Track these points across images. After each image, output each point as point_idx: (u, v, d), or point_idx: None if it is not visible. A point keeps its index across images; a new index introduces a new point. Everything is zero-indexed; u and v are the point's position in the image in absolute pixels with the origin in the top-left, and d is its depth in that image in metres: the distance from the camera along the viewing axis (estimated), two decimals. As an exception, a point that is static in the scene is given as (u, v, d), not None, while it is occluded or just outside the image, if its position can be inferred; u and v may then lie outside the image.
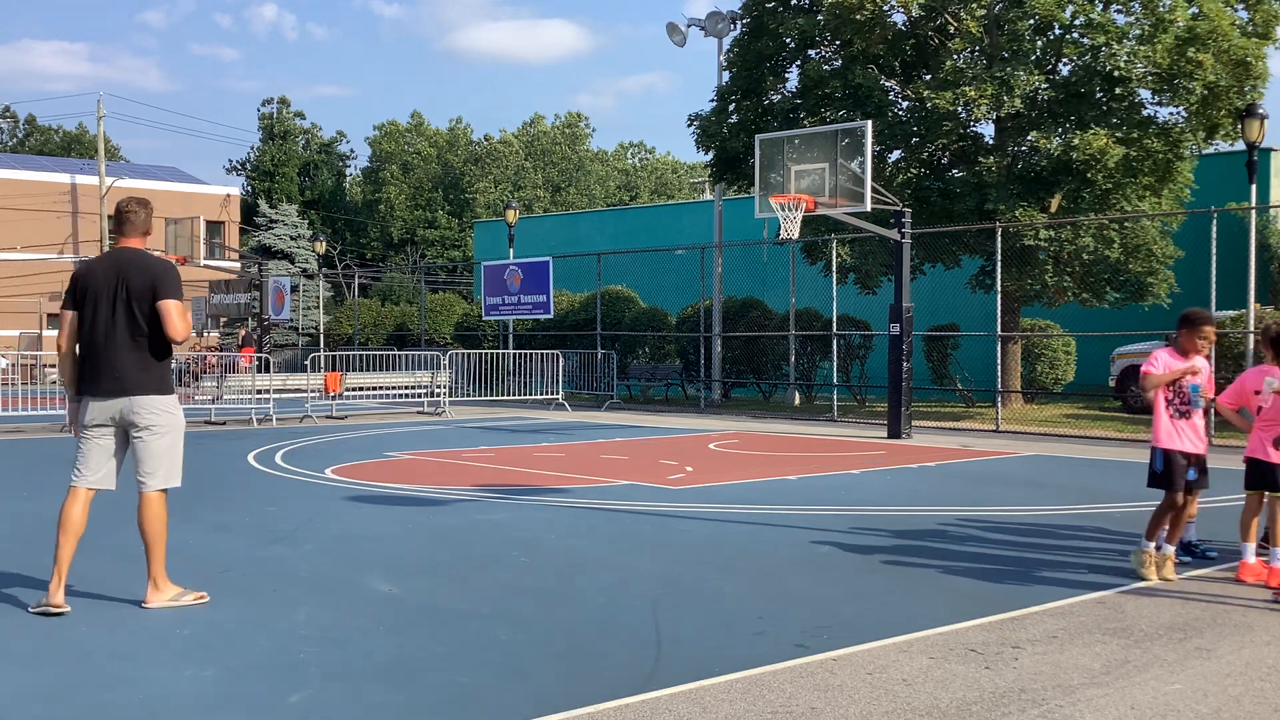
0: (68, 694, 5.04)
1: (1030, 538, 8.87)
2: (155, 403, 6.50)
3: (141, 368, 6.46)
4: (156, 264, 6.54)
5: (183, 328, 6.42)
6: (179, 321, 6.40)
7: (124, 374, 6.43)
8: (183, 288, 6.61)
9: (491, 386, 25.98)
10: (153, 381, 6.50)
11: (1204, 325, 7.34)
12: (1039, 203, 20.82)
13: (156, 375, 6.52)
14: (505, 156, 69.22)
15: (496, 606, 6.62)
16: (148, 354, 6.49)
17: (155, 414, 6.52)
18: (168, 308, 6.39)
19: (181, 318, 6.42)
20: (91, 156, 56.76)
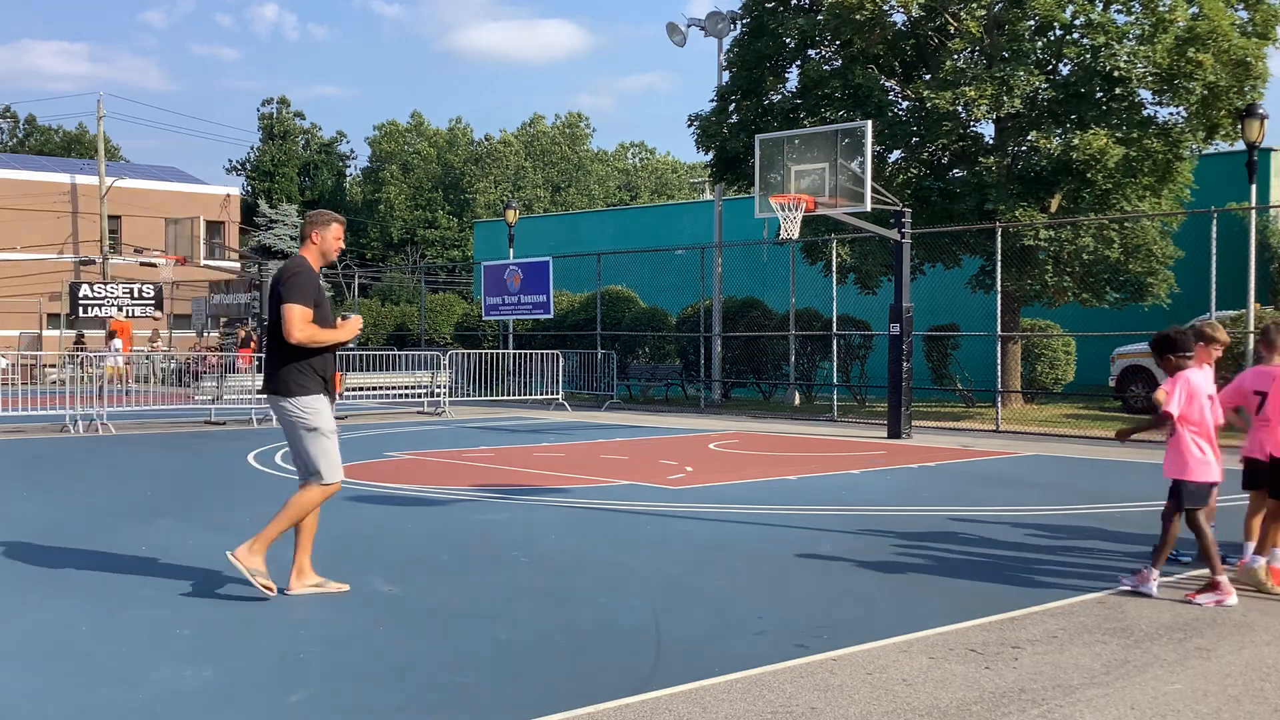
0: (68, 694, 5.04)
1: (1030, 538, 8.88)
2: (286, 404, 6.77)
3: (274, 370, 6.80)
4: (287, 269, 6.80)
5: (295, 332, 6.60)
6: (289, 324, 6.62)
7: (268, 374, 6.87)
8: (305, 292, 6.69)
9: (491, 386, 25.97)
10: (281, 383, 6.76)
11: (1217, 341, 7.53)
12: (1039, 203, 20.82)
13: (283, 377, 6.75)
14: (505, 156, 69.22)
15: (496, 606, 6.62)
16: (281, 356, 6.75)
17: (285, 415, 6.81)
18: (283, 311, 6.64)
19: (292, 320, 6.60)
20: (91, 156, 56.76)
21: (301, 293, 6.66)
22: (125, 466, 13.85)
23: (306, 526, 6.92)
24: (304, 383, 6.75)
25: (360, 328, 7.02)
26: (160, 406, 22.87)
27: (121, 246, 46.70)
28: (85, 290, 36.48)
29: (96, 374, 20.54)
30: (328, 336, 6.79)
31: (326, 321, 6.84)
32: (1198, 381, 6.94)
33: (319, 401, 6.81)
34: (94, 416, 18.79)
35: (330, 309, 6.96)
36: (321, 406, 6.82)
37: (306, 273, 6.79)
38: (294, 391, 6.73)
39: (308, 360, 6.76)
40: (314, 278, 6.82)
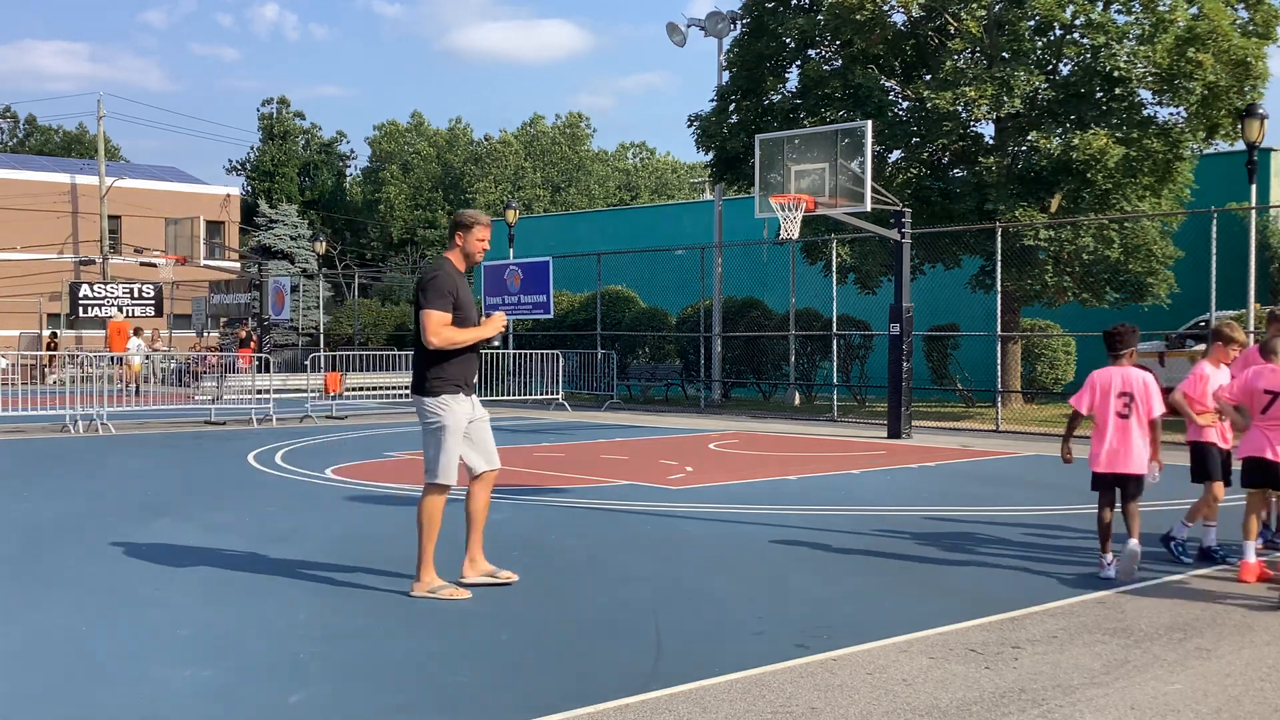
0: (68, 694, 5.04)
1: (1030, 538, 8.88)
2: (421, 402, 6.87)
3: (416, 370, 6.93)
4: (426, 273, 6.95)
5: (431, 337, 6.73)
6: (425, 330, 6.75)
7: (413, 374, 7.00)
8: (442, 295, 6.78)
9: (491, 386, 25.98)
10: (420, 382, 6.87)
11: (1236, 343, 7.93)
12: (1039, 203, 20.82)
13: (424, 377, 6.85)
14: (505, 156, 69.22)
15: (496, 606, 6.62)
16: (423, 357, 6.86)
17: (420, 413, 6.90)
18: (421, 316, 6.78)
19: (429, 325, 6.73)
20: (91, 156, 56.76)
21: (439, 297, 6.77)
22: (125, 466, 13.85)
23: (476, 516, 7.08)
24: (440, 383, 6.84)
25: (504, 324, 7.09)
26: (160, 406, 22.87)
27: (121, 246, 46.69)
28: (85, 290, 36.48)
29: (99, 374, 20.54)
30: (466, 336, 6.82)
31: (470, 320, 6.89)
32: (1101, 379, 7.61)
33: (452, 401, 6.86)
34: (94, 416, 18.79)
35: (475, 307, 7.02)
36: (453, 406, 6.86)
37: (444, 275, 6.85)
38: (429, 390, 6.84)
39: (448, 360, 6.85)
40: (453, 280, 6.87)
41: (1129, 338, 7.66)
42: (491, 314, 7.11)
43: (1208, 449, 8.00)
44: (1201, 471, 8.01)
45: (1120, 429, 7.51)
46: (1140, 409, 7.46)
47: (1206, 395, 7.88)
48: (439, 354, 6.79)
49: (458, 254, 7.00)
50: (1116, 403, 7.51)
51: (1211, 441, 7.99)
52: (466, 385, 6.93)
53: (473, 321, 6.91)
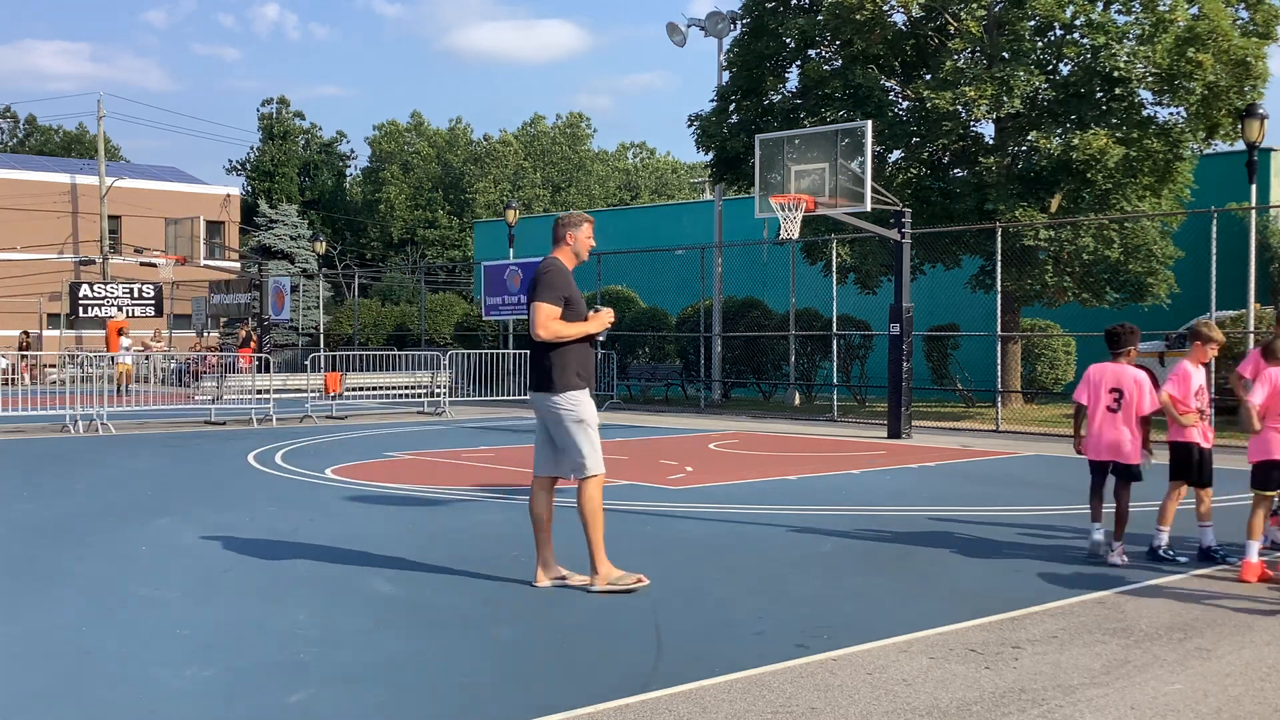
0: (68, 694, 5.04)
1: (1030, 538, 8.88)
2: (548, 399, 6.94)
3: (536, 365, 7.01)
4: (538, 270, 7.04)
5: (540, 329, 6.85)
6: (534, 322, 6.88)
7: (532, 372, 7.09)
8: (554, 290, 6.92)
9: (491, 386, 25.96)
10: (545, 380, 6.95)
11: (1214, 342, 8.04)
12: (1039, 203, 20.82)
13: (547, 373, 6.93)
14: (505, 156, 69.20)
15: (496, 606, 6.62)
16: (541, 353, 6.97)
17: (549, 410, 6.96)
18: (531, 309, 6.90)
19: (538, 318, 6.85)
20: (91, 156, 56.76)
21: (550, 291, 6.90)
22: (125, 466, 13.85)
23: (541, 522, 7.15)
24: (567, 377, 6.93)
25: (611, 320, 7.20)
26: (160, 406, 22.87)
27: (121, 246, 46.68)
28: (85, 290, 36.47)
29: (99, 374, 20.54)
30: (574, 330, 6.94)
31: (579, 316, 7.00)
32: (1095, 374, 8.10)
33: (582, 396, 6.99)
34: (94, 416, 18.79)
35: (584, 304, 7.11)
36: (585, 400, 7.00)
37: (556, 271, 6.99)
38: (559, 387, 6.92)
39: (570, 356, 6.94)
40: (565, 276, 7.01)
41: (1127, 338, 8.06)
42: (599, 309, 7.18)
43: (1190, 448, 8.02)
44: (1181, 471, 8.03)
45: (1109, 421, 8.00)
46: (1130, 405, 7.88)
47: (1189, 395, 7.91)
48: (560, 351, 6.92)
49: (567, 252, 7.18)
50: (1107, 397, 7.99)
51: (1194, 441, 8.02)
52: (589, 380, 7.07)
53: (581, 317, 7.03)
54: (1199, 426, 8.00)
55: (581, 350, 7.00)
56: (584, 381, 7.00)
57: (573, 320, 6.96)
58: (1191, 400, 7.91)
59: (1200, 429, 8.01)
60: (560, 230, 7.19)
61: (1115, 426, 7.97)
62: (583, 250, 7.22)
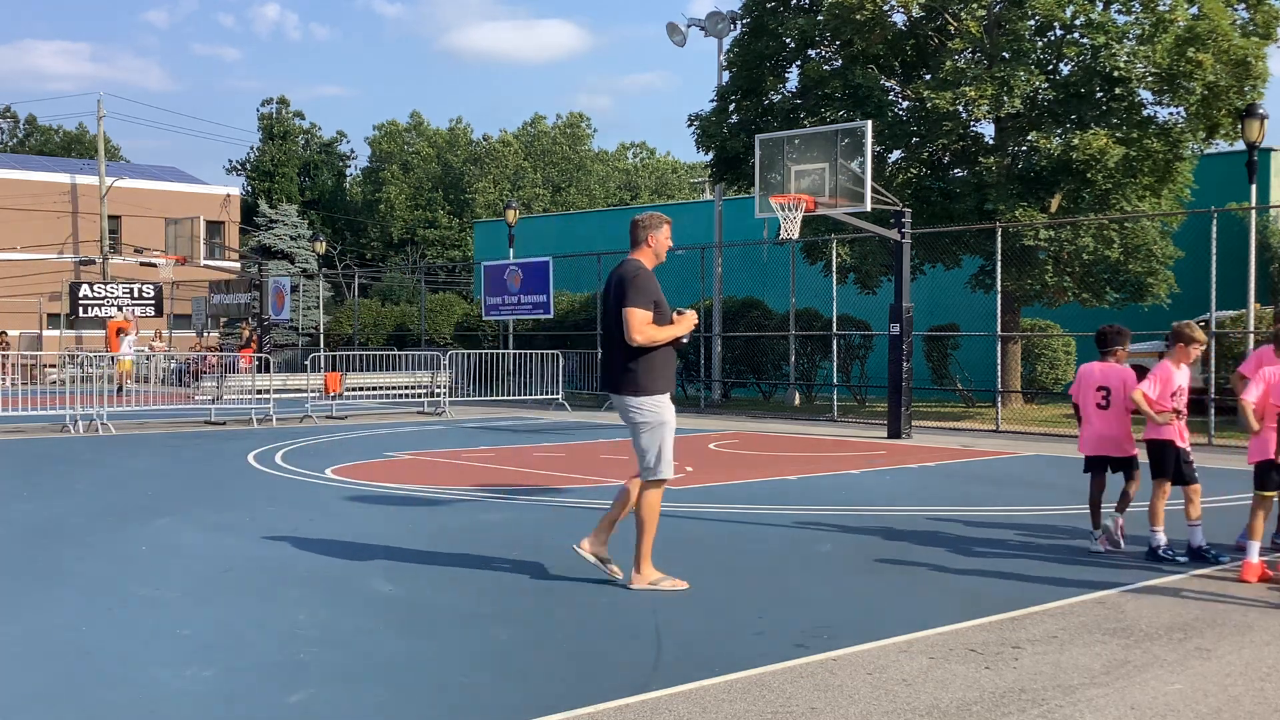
0: (68, 694, 5.04)
1: (1030, 538, 8.88)
2: (630, 401, 6.98)
3: (618, 369, 7.02)
4: (627, 272, 7.05)
5: (635, 335, 6.88)
6: (630, 327, 6.89)
7: (611, 372, 7.10)
8: (645, 294, 6.93)
9: (491, 386, 25.96)
10: (626, 382, 6.97)
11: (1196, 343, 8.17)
12: (1039, 203, 20.82)
13: (629, 376, 6.97)
14: (505, 156, 69.21)
15: (496, 606, 6.62)
16: (625, 355, 6.98)
17: (628, 412, 7.01)
18: (624, 314, 6.91)
19: (633, 323, 6.87)
20: (91, 156, 56.75)
21: (642, 295, 6.93)
22: (125, 466, 13.85)
23: (623, 505, 7.19)
24: (651, 381, 6.99)
25: (695, 322, 7.19)
26: (160, 406, 22.88)
27: (121, 246, 46.69)
28: (85, 290, 36.47)
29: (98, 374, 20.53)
30: (666, 334, 6.99)
31: (665, 319, 7.04)
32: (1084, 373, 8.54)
33: (664, 400, 7.05)
34: (94, 416, 18.79)
35: (669, 307, 7.14)
36: (666, 405, 7.05)
37: (645, 275, 7.03)
38: (640, 390, 6.97)
39: (651, 358, 6.98)
40: (652, 279, 7.05)
41: (1114, 338, 8.52)
42: (684, 312, 7.18)
43: (1165, 446, 8.06)
44: (1160, 468, 8.07)
45: (1100, 418, 8.41)
46: (1118, 402, 8.33)
47: (1167, 394, 7.95)
48: (645, 354, 6.97)
49: (648, 254, 7.20)
50: (1096, 395, 8.41)
51: (1170, 439, 8.04)
52: (670, 384, 7.14)
53: (668, 320, 7.06)
54: (1174, 425, 8.04)
55: (667, 353, 7.07)
56: (667, 385, 7.08)
57: (660, 323, 7.01)
58: (1169, 400, 7.96)
59: (1176, 428, 8.05)
60: (640, 232, 7.23)
61: (1107, 422, 8.38)
62: (662, 251, 7.25)
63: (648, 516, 7.03)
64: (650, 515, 7.04)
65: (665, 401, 7.04)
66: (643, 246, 7.19)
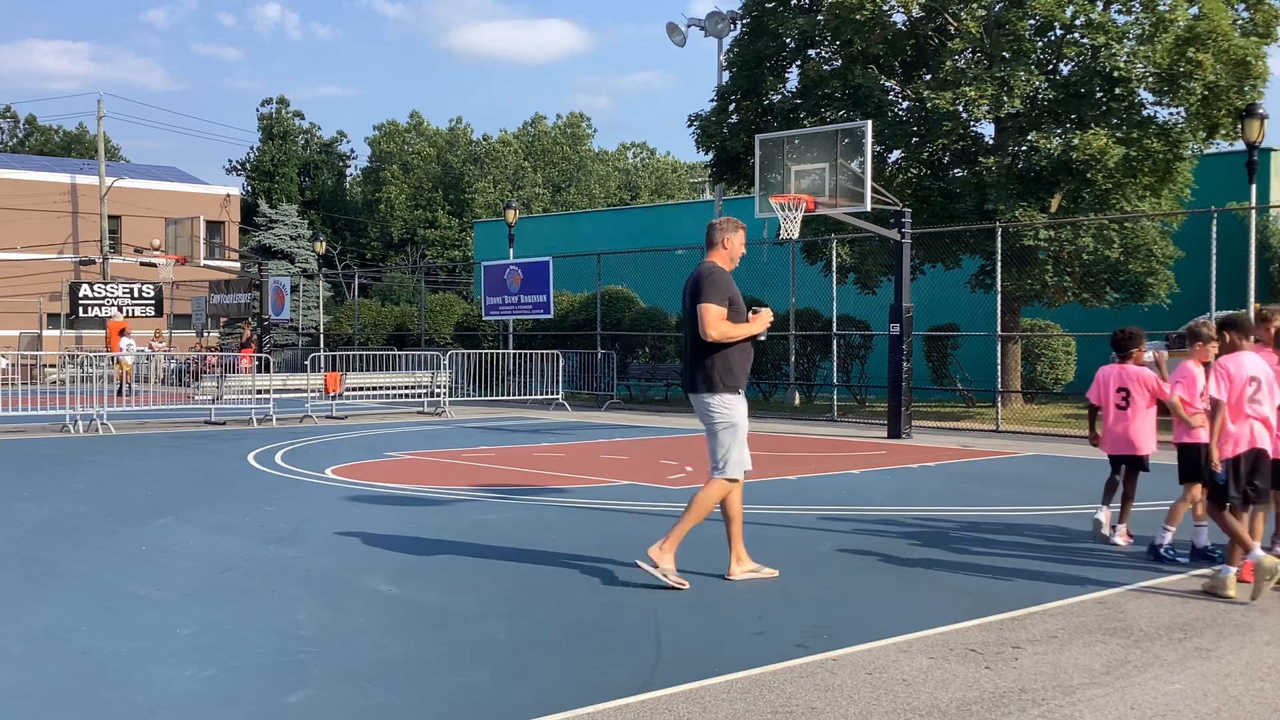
0: (68, 694, 5.04)
1: (1030, 538, 8.87)
2: (705, 399, 7.09)
3: (695, 367, 7.12)
4: (703, 271, 7.21)
5: (710, 330, 6.99)
6: (704, 323, 7.00)
7: (686, 371, 7.25)
8: (720, 291, 7.07)
9: (491, 386, 25.96)
10: (702, 380, 7.08)
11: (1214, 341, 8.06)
12: (1039, 203, 20.82)
13: (706, 374, 7.07)
14: (504, 156, 69.21)
15: (496, 606, 6.62)
16: (702, 353, 7.09)
17: (703, 410, 7.13)
18: (699, 310, 7.03)
19: (708, 319, 6.98)
20: (91, 156, 56.75)
21: (717, 292, 7.06)
22: (125, 466, 13.85)
23: (734, 516, 7.24)
24: (726, 379, 7.08)
25: (771, 320, 7.27)
26: (160, 406, 22.88)
27: (121, 246, 46.69)
28: (85, 290, 36.46)
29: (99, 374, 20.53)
30: (741, 331, 7.09)
31: (741, 317, 7.15)
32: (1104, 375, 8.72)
33: (738, 400, 7.14)
34: (94, 416, 18.79)
35: (744, 306, 7.24)
36: (740, 404, 7.14)
37: (720, 273, 7.19)
38: (716, 388, 7.06)
39: (727, 356, 7.08)
40: (727, 278, 7.20)
41: (1131, 341, 8.67)
42: (759, 310, 7.27)
43: (1198, 449, 8.00)
44: (1191, 473, 8.00)
45: (1119, 419, 8.61)
46: (1136, 403, 8.51)
47: (1196, 396, 7.93)
48: (724, 353, 7.06)
49: (723, 256, 7.37)
50: (1115, 396, 8.61)
51: (1202, 442, 7.99)
52: (744, 382, 7.24)
53: (743, 319, 7.15)
54: (1206, 428, 8.00)
55: (744, 350, 7.18)
56: (743, 383, 7.17)
57: (735, 321, 7.11)
58: (1198, 401, 7.93)
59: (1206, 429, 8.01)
60: (716, 234, 7.40)
61: (1124, 422, 8.58)
62: (736, 255, 7.41)
63: (699, 507, 7.10)
64: (702, 509, 7.11)
65: (738, 401, 7.13)
66: (718, 248, 7.38)
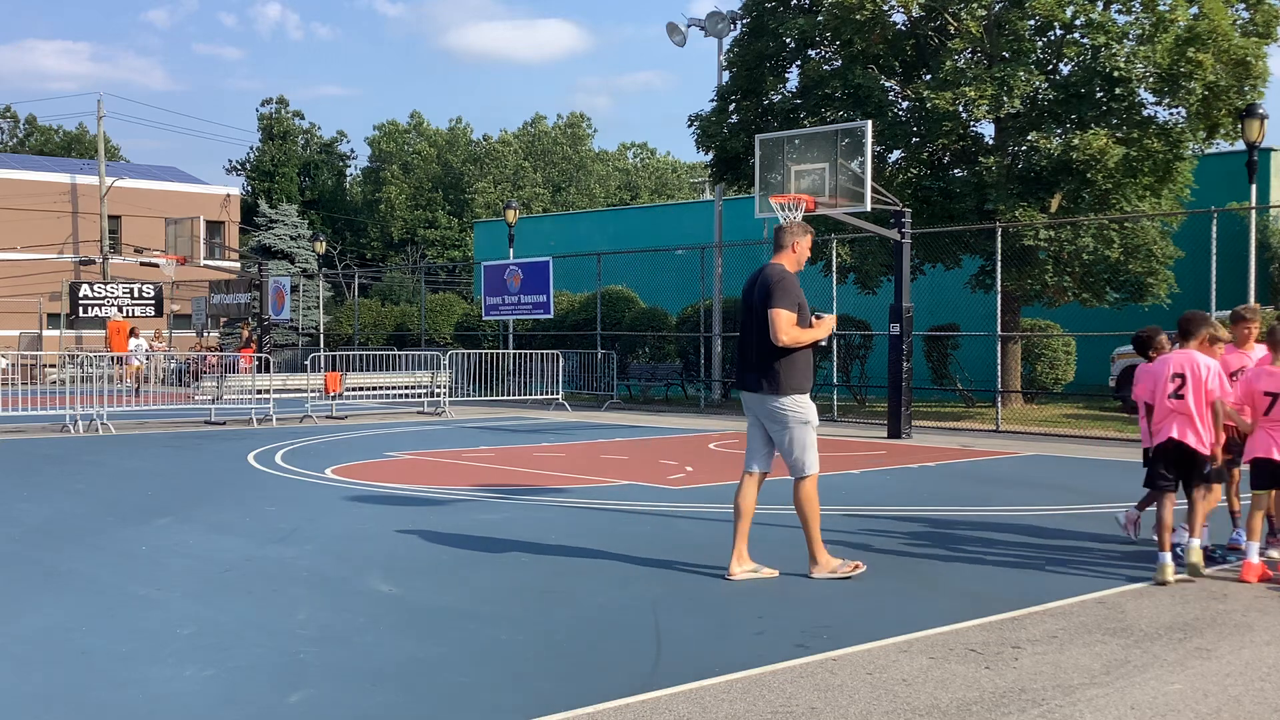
0: (68, 694, 5.04)
1: (1030, 538, 8.88)
2: (775, 401, 7.25)
3: (762, 369, 7.27)
4: (772, 275, 7.33)
5: (782, 335, 7.13)
6: (776, 328, 7.14)
7: (747, 373, 7.36)
8: (790, 296, 7.21)
9: (491, 386, 25.97)
10: (771, 382, 7.24)
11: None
12: (1039, 203, 20.81)
13: (774, 376, 7.23)
14: (504, 156, 69.21)
15: (496, 606, 6.62)
16: (770, 356, 7.23)
17: (771, 411, 7.28)
18: (770, 315, 7.17)
19: (779, 324, 7.13)
20: (91, 156, 56.75)
21: (787, 298, 7.21)
22: (125, 466, 13.85)
23: (746, 513, 7.43)
24: (794, 381, 7.25)
25: (834, 325, 7.47)
26: (160, 406, 22.88)
27: (121, 246, 46.68)
28: (85, 290, 36.47)
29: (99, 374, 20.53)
30: (809, 336, 7.28)
31: (806, 322, 7.31)
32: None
33: (807, 400, 7.34)
34: (94, 416, 18.78)
35: (809, 310, 7.39)
36: (809, 403, 7.36)
37: (790, 278, 7.33)
38: (785, 390, 7.22)
39: (794, 359, 7.23)
40: (796, 283, 7.35)
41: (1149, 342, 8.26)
42: (822, 316, 7.43)
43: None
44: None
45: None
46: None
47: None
48: (791, 356, 7.23)
49: (791, 259, 7.50)
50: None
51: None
52: (810, 383, 7.41)
53: (808, 323, 7.32)
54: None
55: (808, 354, 7.36)
56: (809, 385, 7.35)
57: (802, 325, 7.26)
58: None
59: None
60: (785, 237, 7.55)
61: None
62: (804, 258, 7.57)
63: (809, 510, 7.33)
64: (811, 508, 7.34)
65: (808, 401, 7.35)
66: (787, 251, 7.50)
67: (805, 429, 7.28)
